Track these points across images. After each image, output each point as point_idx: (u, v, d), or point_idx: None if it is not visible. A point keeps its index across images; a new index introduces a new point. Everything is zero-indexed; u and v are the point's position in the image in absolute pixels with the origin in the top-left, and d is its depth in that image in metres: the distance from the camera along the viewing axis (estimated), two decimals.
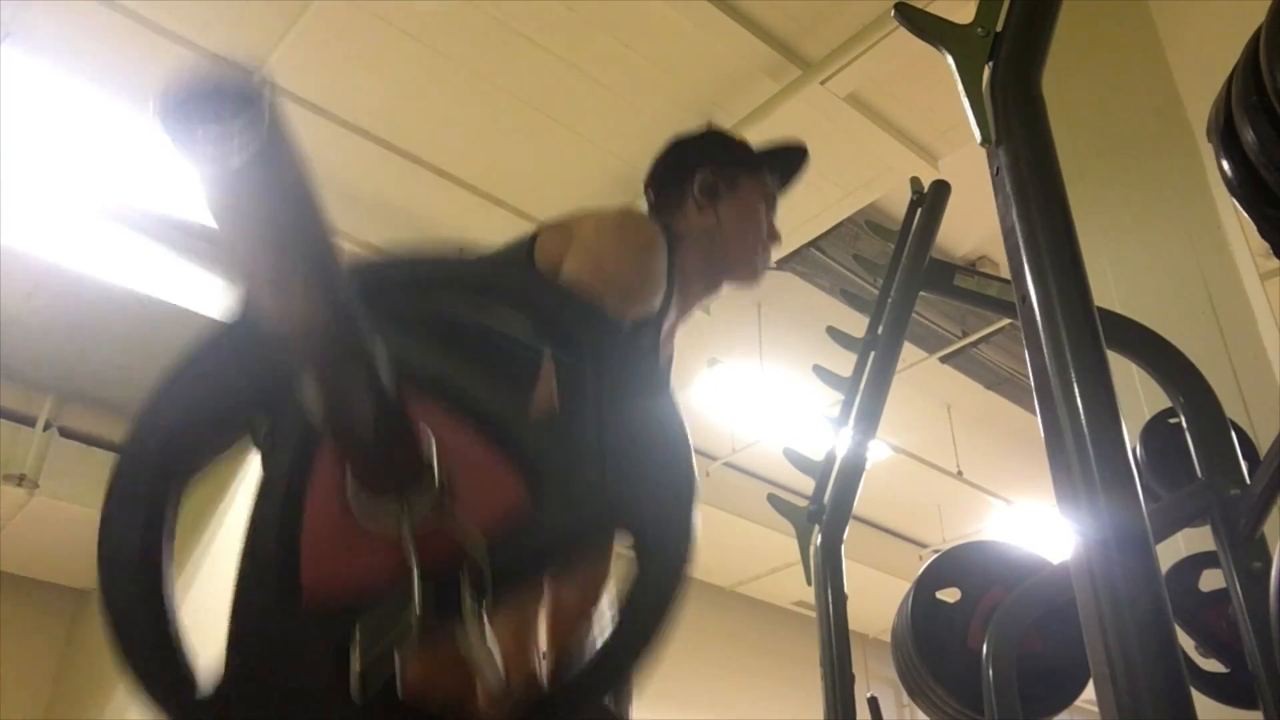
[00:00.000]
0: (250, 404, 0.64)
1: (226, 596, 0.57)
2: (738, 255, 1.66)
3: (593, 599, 1.17)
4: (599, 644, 0.61)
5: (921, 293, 2.19)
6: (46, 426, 4.98)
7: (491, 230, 4.07)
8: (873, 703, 2.07)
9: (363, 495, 0.57)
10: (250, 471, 0.62)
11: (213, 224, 0.46)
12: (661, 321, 1.50)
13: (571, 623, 1.15)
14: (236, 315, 0.67)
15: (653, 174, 1.74)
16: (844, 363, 2.29)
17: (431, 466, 0.57)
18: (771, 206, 1.72)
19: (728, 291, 1.70)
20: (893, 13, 1.22)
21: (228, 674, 0.56)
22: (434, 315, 0.71)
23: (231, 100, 0.42)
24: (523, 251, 1.42)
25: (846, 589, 2.09)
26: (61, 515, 4.97)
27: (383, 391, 0.54)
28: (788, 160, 1.77)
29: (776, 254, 1.77)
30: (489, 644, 0.62)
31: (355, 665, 0.54)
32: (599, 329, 0.69)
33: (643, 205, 1.74)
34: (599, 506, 0.60)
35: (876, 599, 4.32)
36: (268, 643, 0.57)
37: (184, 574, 5.05)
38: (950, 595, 2.01)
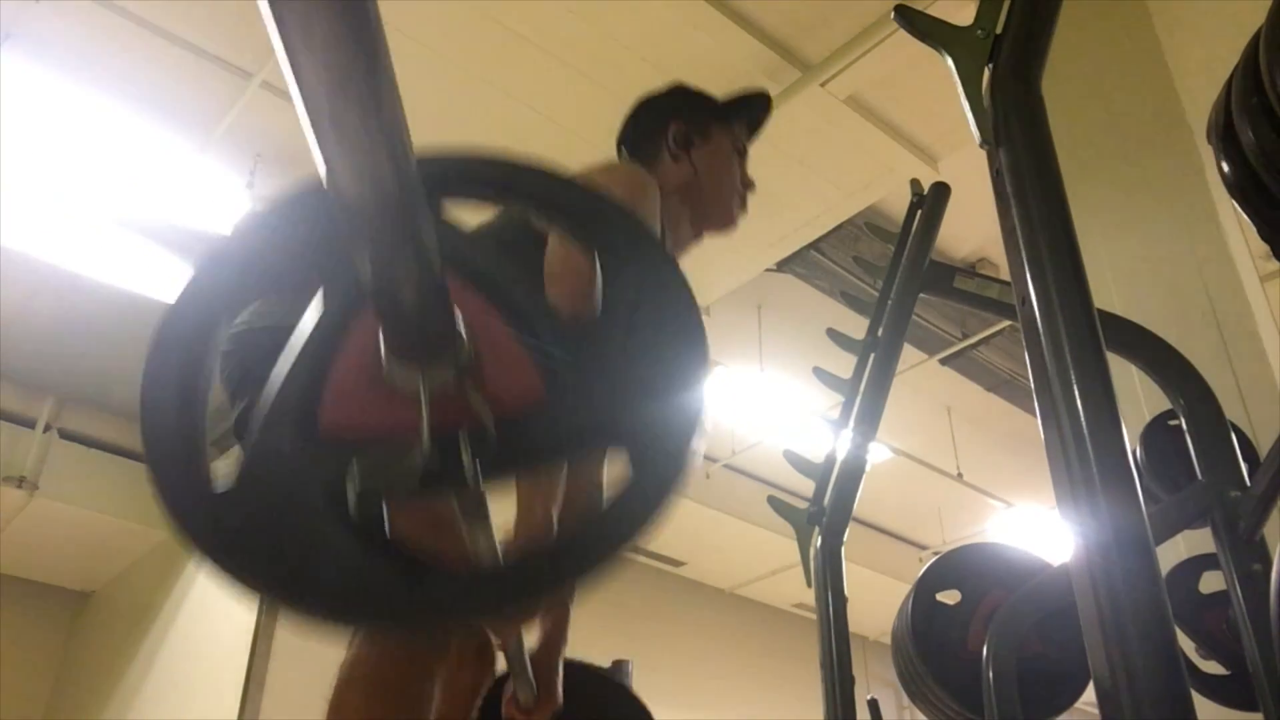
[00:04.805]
0: (304, 267, 0.70)
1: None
2: (715, 202, 1.71)
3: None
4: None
5: (921, 295, 2.19)
6: (46, 428, 4.98)
7: None
8: (873, 705, 2.07)
9: (392, 356, 0.61)
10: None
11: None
12: None
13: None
14: (303, 189, 0.72)
15: (625, 134, 1.78)
16: (844, 365, 2.29)
17: (460, 339, 0.61)
18: (743, 154, 1.78)
19: (709, 239, 1.75)
20: (893, 15, 1.22)
21: (240, 480, 0.60)
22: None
23: None
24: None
25: (847, 591, 2.09)
26: (61, 517, 4.97)
27: (428, 264, 0.57)
28: (753, 108, 1.82)
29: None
30: (484, 509, 0.71)
31: (350, 493, 0.58)
32: (637, 236, 0.73)
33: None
34: (602, 419, 0.65)
35: (877, 601, 4.31)
36: (281, 461, 0.61)
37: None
38: (950, 597, 2.00)
